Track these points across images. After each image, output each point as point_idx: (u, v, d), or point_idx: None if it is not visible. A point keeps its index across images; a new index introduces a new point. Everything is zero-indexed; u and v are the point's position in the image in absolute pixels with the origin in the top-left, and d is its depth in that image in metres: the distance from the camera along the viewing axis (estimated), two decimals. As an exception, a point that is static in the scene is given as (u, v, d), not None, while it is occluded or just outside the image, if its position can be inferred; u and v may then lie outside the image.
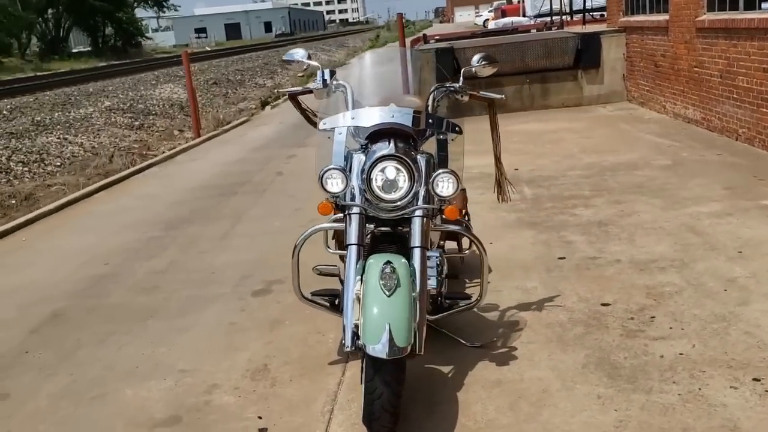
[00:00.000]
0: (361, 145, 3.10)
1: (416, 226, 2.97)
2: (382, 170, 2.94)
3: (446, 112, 3.41)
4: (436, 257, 3.43)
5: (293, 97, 3.57)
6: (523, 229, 5.23)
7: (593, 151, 7.72)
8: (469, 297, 3.35)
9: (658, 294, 3.87)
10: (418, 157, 3.06)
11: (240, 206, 6.90)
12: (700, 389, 2.91)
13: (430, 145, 3.29)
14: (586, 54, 11.04)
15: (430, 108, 3.23)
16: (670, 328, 3.47)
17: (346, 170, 2.95)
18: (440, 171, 2.95)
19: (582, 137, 8.56)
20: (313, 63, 3.39)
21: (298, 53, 3.39)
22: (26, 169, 10.67)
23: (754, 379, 2.94)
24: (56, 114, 14.28)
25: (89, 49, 50.48)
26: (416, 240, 2.96)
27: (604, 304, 3.81)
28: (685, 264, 4.25)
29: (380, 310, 2.59)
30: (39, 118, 13.52)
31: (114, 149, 11.90)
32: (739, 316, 3.51)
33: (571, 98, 11.19)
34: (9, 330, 4.31)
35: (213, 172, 8.87)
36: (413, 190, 2.96)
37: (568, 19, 17.61)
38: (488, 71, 3.43)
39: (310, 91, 3.35)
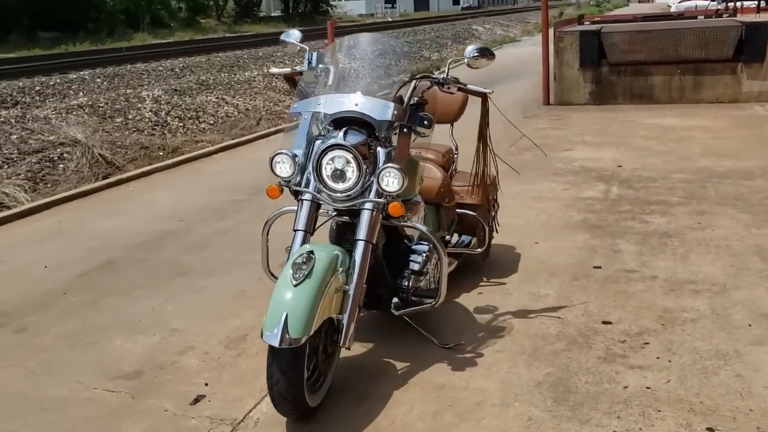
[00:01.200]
0: (323, 132, 3.08)
1: (363, 218, 2.93)
2: (332, 159, 2.91)
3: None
4: (423, 251, 3.36)
5: (289, 79, 3.60)
6: (580, 231, 4.94)
7: (715, 154, 7.07)
8: (433, 296, 3.25)
9: (670, 319, 3.53)
10: (378, 149, 3.00)
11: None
12: (640, 429, 2.66)
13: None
14: (750, 46, 10.04)
15: (406, 98, 3.14)
16: (657, 358, 3.18)
17: (296, 156, 2.96)
18: (386, 165, 2.88)
19: (713, 137, 7.85)
20: (304, 45, 3.39)
21: (293, 35, 3.41)
22: (181, 124, 11.46)
23: (708, 429, 2.64)
24: (222, 75, 15.19)
25: (280, 14, 52.81)
26: (361, 233, 2.92)
27: (605, 322, 3.55)
28: (724, 290, 3.84)
29: (282, 298, 2.60)
30: (204, 78, 14.45)
31: (264, 113, 12.50)
32: (743, 356, 3.14)
33: (726, 93, 10.25)
34: (64, 271, 4.74)
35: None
36: (361, 182, 2.91)
37: (744, 6, 16.04)
38: (481, 64, 3.27)
39: (301, 73, 3.36)
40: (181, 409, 2.97)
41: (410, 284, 3.28)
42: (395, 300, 3.27)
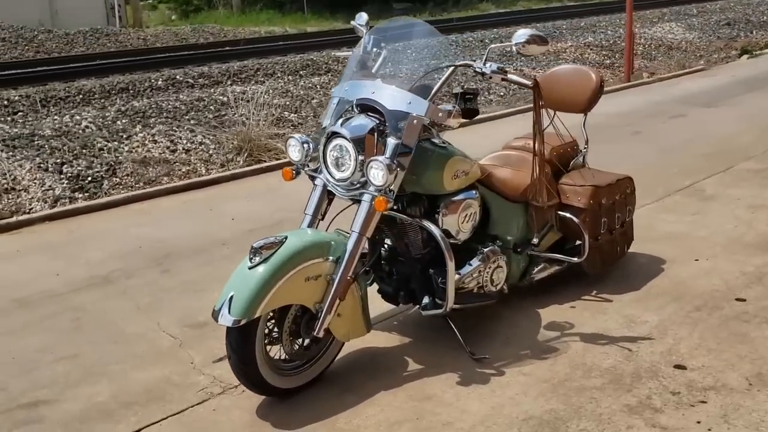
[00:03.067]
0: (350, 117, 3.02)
1: (360, 209, 2.85)
2: (334, 147, 2.87)
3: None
4: (483, 252, 3.17)
5: None
6: (763, 254, 4.09)
7: None
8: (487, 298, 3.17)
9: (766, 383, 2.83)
10: (388, 139, 2.86)
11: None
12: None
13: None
14: None
15: (435, 89, 2.93)
16: (698, 422, 2.60)
17: (306, 142, 2.97)
18: (373, 158, 2.74)
19: None
20: (363, 29, 3.30)
21: (362, 17, 3.34)
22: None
23: None
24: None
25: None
26: (355, 224, 2.85)
27: (677, 366, 2.98)
28: None
29: (234, 279, 2.66)
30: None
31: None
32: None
33: None
34: (243, 224, 5.21)
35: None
36: (361, 172, 2.82)
37: None
38: (533, 51, 2.91)
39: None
40: (202, 365, 3.21)
41: (445, 284, 3.08)
42: (425, 299, 3.12)
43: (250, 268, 2.64)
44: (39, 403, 2.96)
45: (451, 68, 3.03)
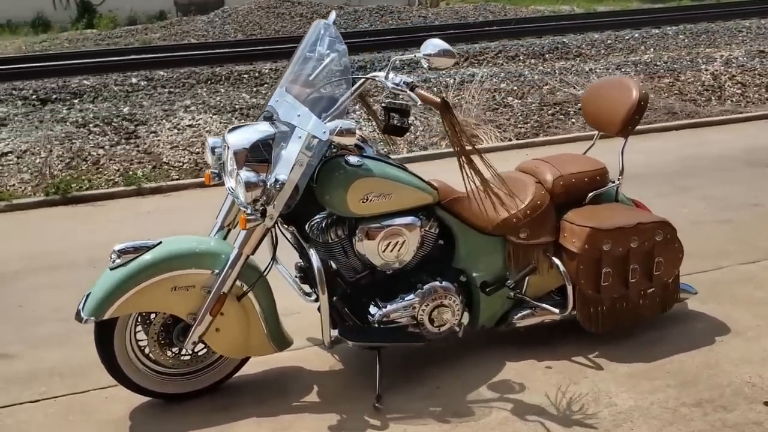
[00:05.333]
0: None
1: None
2: (229, 156, 2.76)
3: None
4: (421, 288, 2.87)
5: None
6: None
7: None
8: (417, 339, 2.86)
9: None
10: (274, 153, 2.67)
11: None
12: None
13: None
14: None
15: (340, 102, 2.64)
16: None
17: (214, 147, 2.89)
18: (240, 171, 2.57)
19: None
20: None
21: (331, 16, 3.05)
22: (739, 91, 9.98)
23: None
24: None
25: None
26: (237, 240, 2.71)
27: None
28: None
29: (99, 278, 2.69)
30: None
31: None
32: None
33: None
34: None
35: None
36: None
37: None
38: (441, 63, 2.52)
39: None
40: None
41: (346, 311, 2.84)
42: (342, 325, 2.87)
43: (111, 269, 2.66)
44: None
45: (361, 81, 2.71)
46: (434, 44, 2.57)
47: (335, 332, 2.83)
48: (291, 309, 3.15)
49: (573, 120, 8.39)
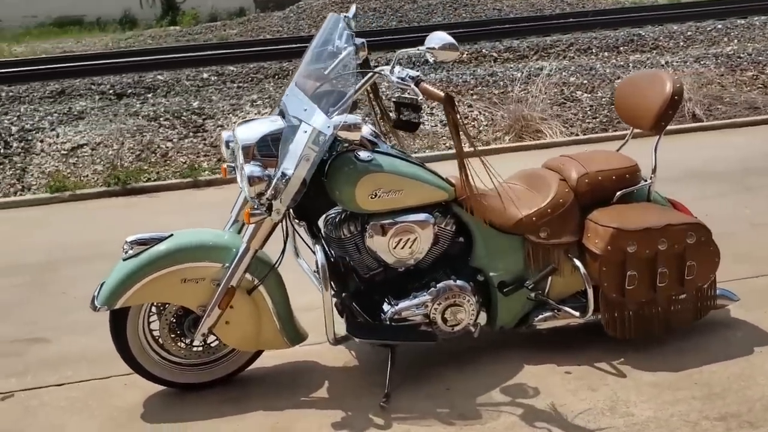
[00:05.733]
0: None
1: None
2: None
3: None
4: (435, 287, 2.83)
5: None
6: None
7: None
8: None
9: None
10: (281, 147, 2.66)
11: None
12: None
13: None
14: None
15: (347, 98, 2.60)
16: None
17: (228, 141, 2.89)
18: (244, 165, 2.57)
19: None
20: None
21: (352, 10, 3.01)
22: None
23: None
24: None
25: None
26: (245, 234, 2.72)
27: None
28: None
29: (114, 268, 2.74)
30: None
31: None
32: None
33: None
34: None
35: None
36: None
37: None
38: (446, 57, 2.46)
39: None
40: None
41: (356, 307, 2.81)
42: (348, 321, 2.84)
43: (123, 260, 2.71)
44: None
45: (368, 75, 2.66)
46: (439, 38, 2.52)
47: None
48: (313, 304, 3.13)
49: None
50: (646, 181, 3.03)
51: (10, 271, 4.29)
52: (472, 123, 7.78)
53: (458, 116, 2.50)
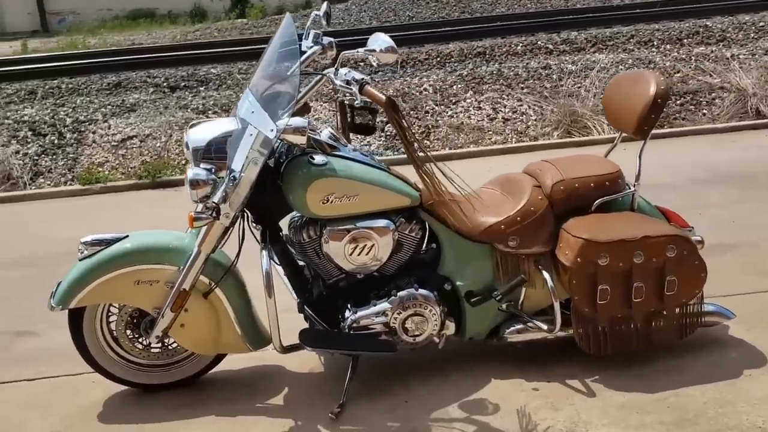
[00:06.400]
0: None
1: None
2: None
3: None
4: (395, 295, 2.74)
5: None
6: None
7: None
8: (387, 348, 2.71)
9: None
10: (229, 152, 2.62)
11: None
12: None
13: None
14: None
15: (295, 100, 2.52)
16: None
17: None
18: (190, 168, 2.52)
19: None
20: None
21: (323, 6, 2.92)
22: None
23: None
24: None
25: None
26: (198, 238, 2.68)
27: None
28: None
29: (72, 268, 2.75)
30: None
31: None
32: None
33: None
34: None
35: None
36: None
37: None
38: (387, 59, 2.39)
39: None
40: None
41: (311, 314, 2.74)
42: (304, 329, 2.78)
43: (79, 260, 2.72)
44: None
45: (317, 78, 2.58)
46: (381, 40, 2.43)
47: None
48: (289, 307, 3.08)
49: (704, 111, 7.73)
50: (630, 188, 2.84)
51: (20, 262, 4.41)
52: (521, 118, 7.61)
53: (403, 121, 2.38)
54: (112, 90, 8.70)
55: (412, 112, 7.55)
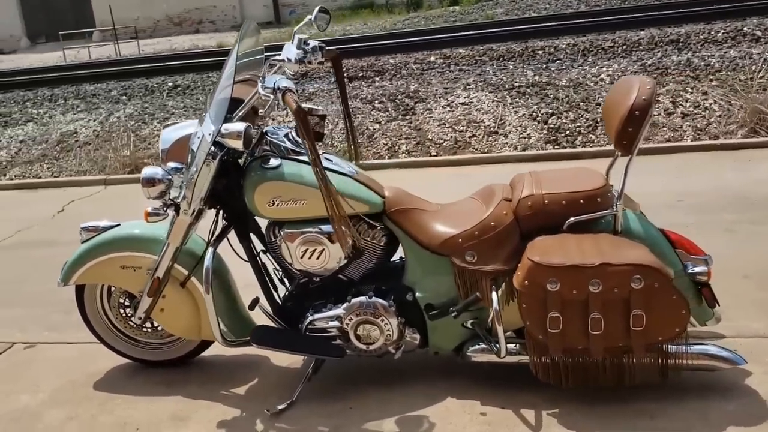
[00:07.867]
0: None
1: None
2: None
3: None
4: (349, 301, 2.78)
5: None
6: None
7: None
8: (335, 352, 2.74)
9: None
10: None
11: None
12: None
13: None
14: None
15: (243, 106, 2.59)
16: None
17: None
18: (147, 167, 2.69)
19: None
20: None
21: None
22: None
23: None
24: None
25: None
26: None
27: None
28: None
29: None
30: None
31: None
32: None
33: None
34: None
35: None
36: None
37: None
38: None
39: None
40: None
41: (267, 312, 2.82)
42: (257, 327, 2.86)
43: (81, 243, 3.02)
44: None
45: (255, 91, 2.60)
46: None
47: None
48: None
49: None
50: (612, 206, 2.55)
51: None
52: (703, 113, 6.89)
53: (309, 131, 2.35)
54: (298, 79, 9.16)
55: (582, 104, 7.16)
